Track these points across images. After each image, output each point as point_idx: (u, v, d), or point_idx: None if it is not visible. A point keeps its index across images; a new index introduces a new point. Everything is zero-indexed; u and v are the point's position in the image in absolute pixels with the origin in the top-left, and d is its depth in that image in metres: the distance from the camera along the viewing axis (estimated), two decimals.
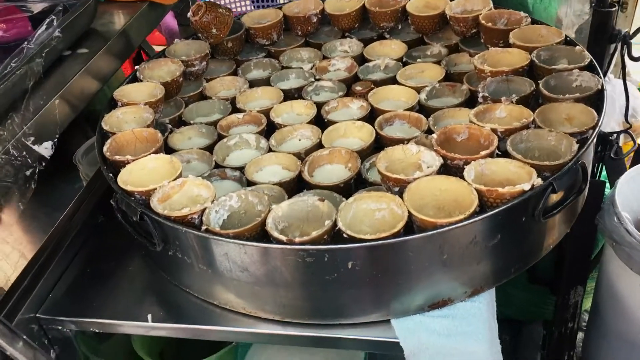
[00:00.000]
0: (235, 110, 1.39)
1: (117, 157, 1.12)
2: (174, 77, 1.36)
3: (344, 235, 0.91)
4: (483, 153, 1.01)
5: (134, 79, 1.39)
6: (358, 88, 1.37)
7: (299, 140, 1.28)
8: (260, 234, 0.95)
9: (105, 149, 1.15)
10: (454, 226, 0.88)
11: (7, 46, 1.29)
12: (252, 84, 1.47)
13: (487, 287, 1.00)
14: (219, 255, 0.96)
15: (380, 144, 1.22)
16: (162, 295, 1.11)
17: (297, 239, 0.89)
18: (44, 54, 1.17)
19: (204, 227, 0.95)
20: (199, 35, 1.49)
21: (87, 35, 1.41)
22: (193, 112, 1.41)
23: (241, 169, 1.18)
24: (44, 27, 1.22)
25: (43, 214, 1.21)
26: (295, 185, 1.14)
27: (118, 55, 1.44)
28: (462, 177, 0.97)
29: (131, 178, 1.08)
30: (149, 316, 1.06)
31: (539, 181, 0.93)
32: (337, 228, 0.92)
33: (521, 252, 1.01)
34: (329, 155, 1.18)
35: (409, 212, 0.92)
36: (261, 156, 1.20)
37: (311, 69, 1.50)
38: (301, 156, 1.19)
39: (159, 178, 1.08)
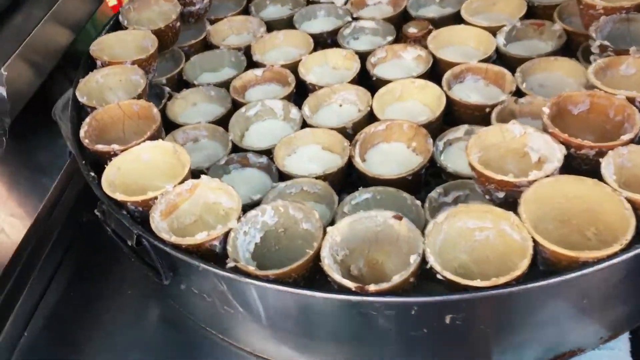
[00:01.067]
0: (252, 63, 1.06)
1: (100, 147, 0.81)
2: (170, 22, 1.03)
3: (438, 277, 0.62)
4: (625, 138, 0.70)
5: (116, 25, 1.06)
6: (412, 30, 1.05)
7: (340, 106, 0.97)
8: (312, 271, 0.66)
9: (82, 133, 0.84)
10: (607, 263, 0.59)
11: None
12: (270, 26, 1.14)
13: (628, 327, 0.72)
14: (253, 300, 0.67)
15: (449, 110, 0.91)
16: (173, 332, 0.83)
17: (372, 288, 0.60)
18: None
19: (231, 263, 0.66)
20: None
21: None
22: (196, 66, 1.09)
23: (268, 152, 0.88)
24: None
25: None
26: (343, 175, 0.85)
27: None
28: (594, 174, 0.67)
29: (120, 177, 0.78)
30: None
31: None
32: (429, 265, 0.63)
33: None
34: (385, 132, 0.88)
35: (534, 241, 0.62)
36: (293, 134, 0.89)
37: (345, 3, 1.16)
38: (347, 132, 0.89)
39: (159, 176, 0.78)
